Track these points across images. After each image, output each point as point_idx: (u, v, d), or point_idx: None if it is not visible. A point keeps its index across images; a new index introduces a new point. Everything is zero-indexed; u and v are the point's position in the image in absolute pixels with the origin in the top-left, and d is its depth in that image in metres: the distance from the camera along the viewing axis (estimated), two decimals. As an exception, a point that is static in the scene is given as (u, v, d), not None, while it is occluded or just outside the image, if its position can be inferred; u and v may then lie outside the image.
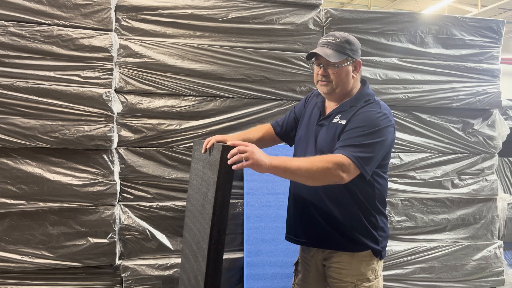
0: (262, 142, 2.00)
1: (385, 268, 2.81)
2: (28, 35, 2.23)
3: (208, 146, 1.77)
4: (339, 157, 1.57)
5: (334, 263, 1.77)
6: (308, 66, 2.69)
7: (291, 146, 2.05)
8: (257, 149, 1.54)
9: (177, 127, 2.53)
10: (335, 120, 1.74)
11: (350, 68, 1.74)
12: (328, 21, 2.73)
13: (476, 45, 2.99)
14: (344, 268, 1.75)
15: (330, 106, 1.83)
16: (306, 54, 1.78)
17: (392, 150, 2.78)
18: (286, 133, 2.03)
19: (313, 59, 1.78)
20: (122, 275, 2.41)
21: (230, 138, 1.81)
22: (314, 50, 1.73)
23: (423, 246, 2.89)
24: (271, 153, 2.09)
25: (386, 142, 1.66)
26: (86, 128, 2.28)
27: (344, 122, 1.70)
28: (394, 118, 2.83)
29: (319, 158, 1.58)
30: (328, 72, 1.73)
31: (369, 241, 1.72)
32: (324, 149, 1.72)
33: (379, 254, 1.75)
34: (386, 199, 1.84)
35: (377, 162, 1.66)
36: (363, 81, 1.85)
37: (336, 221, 1.73)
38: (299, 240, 1.85)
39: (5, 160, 2.24)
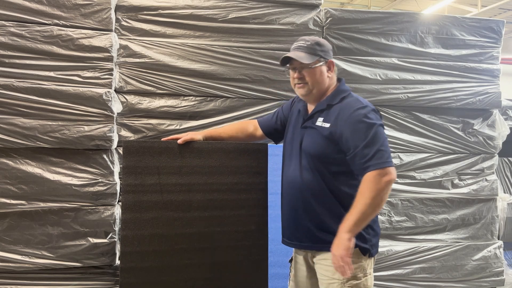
0: (236, 140, 2.08)
1: (385, 268, 2.81)
2: (28, 35, 2.23)
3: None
4: (369, 177, 1.64)
5: (322, 260, 1.81)
6: (284, 72, 2.66)
7: (276, 143, 2.14)
8: (342, 241, 1.61)
9: (177, 127, 2.53)
10: (319, 123, 1.79)
11: (324, 68, 1.82)
12: (328, 21, 2.73)
13: (476, 45, 2.99)
14: (332, 265, 1.76)
15: (311, 108, 1.89)
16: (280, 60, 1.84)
17: (392, 150, 2.83)
18: (272, 131, 2.08)
19: (288, 65, 1.84)
20: (122, 275, 2.41)
21: (198, 136, 1.96)
22: (288, 54, 1.80)
23: (423, 246, 2.89)
24: (271, 152, 2.10)
25: (382, 128, 1.72)
26: (86, 128, 2.28)
27: (327, 125, 1.75)
28: (394, 118, 2.86)
29: (363, 191, 1.64)
30: (303, 74, 1.80)
31: (355, 240, 1.74)
32: (311, 152, 1.78)
33: (367, 252, 1.76)
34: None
35: (388, 148, 1.72)
36: (339, 79, 1.91)
37: (323, 223, 1.78)
38: (292, 243, 1.91)
39: (5, 160, 2.24)
